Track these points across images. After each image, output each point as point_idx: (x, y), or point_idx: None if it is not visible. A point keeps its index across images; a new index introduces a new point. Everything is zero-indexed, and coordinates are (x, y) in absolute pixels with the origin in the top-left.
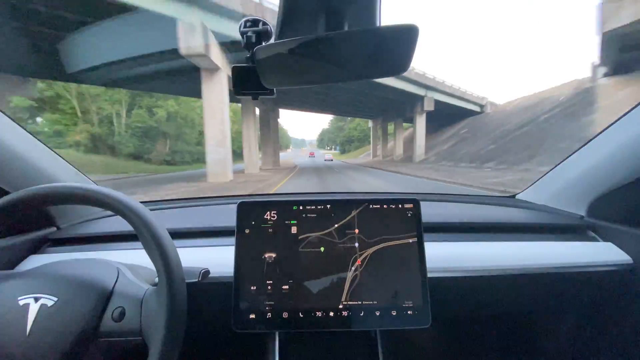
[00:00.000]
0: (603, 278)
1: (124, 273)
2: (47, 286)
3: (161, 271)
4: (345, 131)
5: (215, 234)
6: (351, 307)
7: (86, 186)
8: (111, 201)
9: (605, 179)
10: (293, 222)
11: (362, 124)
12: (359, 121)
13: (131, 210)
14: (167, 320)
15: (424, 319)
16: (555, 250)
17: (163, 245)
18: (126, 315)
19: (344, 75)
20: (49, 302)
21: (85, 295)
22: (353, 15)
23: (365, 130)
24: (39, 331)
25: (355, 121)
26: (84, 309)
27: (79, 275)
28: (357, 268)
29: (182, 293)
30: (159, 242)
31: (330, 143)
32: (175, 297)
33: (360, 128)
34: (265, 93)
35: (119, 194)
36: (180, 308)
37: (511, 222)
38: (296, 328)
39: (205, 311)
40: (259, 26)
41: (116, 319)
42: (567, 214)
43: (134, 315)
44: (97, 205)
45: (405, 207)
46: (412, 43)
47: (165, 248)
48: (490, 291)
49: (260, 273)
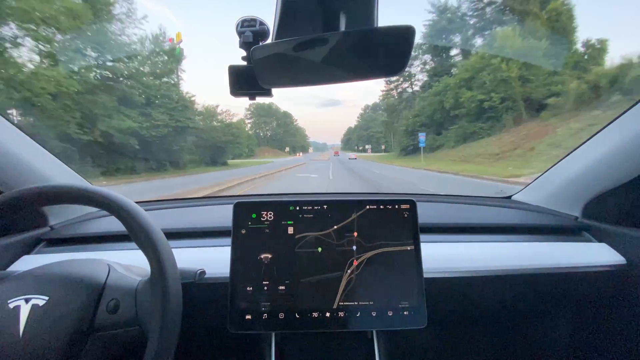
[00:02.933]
0: (597, 278)
1: (115, 269)
2: (37, 286)
3: (154, 263)
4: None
5: (211, 234)
6: (347, 307)
7: (80, 185)
8: (105, 200)
9: (599, 180)
10: (290, 222)
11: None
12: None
13: (125, 209)
14: (163, 309)
15: (420, 319)
16: (550, 251)
17: (156, 241)
18: (121, 307)
19: (341, 76)
20: (40, 301)
21: (76, 292)
22: (350, 15)
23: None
24: (32, 332)
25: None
26: (76, 305)
27: (69, 273)
28: (353, 270)
29: (176, 282)
30: (152, 238)
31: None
32: (169, 285)
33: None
34: (261, 93)
35: (114, 193)
36: (175, 296)
37: (506, 223)
38: (292, 329)
39: (201, 312)
40: (256, 26)
41: (111, 311)
42: (562, 215)
43: (129, 305)
44: (91, 205)
45: (402, 207)
46: (408, 44)
47: (158, 243)
48: (486, 291)
49: (256, 273)
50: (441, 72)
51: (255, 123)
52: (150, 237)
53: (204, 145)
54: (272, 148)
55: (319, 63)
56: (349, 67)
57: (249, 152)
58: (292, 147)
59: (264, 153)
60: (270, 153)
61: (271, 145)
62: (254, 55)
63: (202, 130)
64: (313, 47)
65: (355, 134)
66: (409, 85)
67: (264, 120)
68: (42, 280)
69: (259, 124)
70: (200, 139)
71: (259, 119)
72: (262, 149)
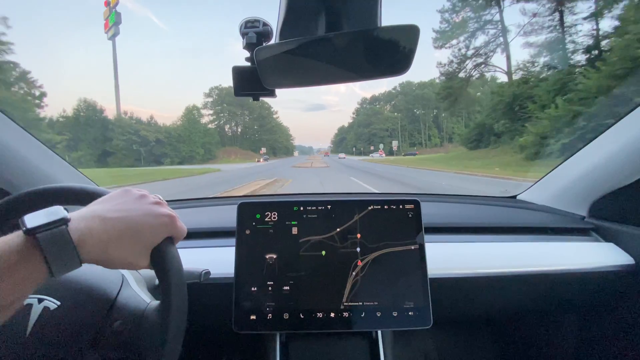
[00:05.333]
0: (605, 279)
1: (128, 282)
2: (51, 289)
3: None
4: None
5: (215, 235)
6: (352, 308)
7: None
8: None
9: (606, 179)
10: (294, 222)
11: None
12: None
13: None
14: (166, 342)
15: (426, 319)
16: (556, 251)
17: (177, 292)
18: (125, 330)
19: (345, 76)
20: (52, 305)
21: (87, 302)
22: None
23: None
24: (38, 333)
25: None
26: (85, 315)
27: (83, 280)
28: (358, 271)
29: (183, 314)
30: (175, 288)
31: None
32: (176, 318)
33: None
34: (265, 94)
35: None
36: (180, 330)
37: (512, 223)
38: (297, 329)
39: (206, 312)
40: (260, 27)
41: (115, 331)
42: (569, 214)
43: (133, 329)
44: None
45: (406, 207)
46: (413, 43)
47: (177, 295)
48: (492, 292)
49: (260, 274)
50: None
51: (219, 116)
52: (174, 288)
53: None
54: (243, 149)
55: (322, 63)
56: (352, 67)
57: (207, 154)
58: (272, 149)
59: (230, 155)
60: (239, 156)
61: (242, 146)
62: (258, 56)
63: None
64: (316, 47)
65: (352, 133)
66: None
67: (230, 110)
68: (57, 282)
69: (226, 117)
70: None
71: (225, 108)
72: (227, 150)
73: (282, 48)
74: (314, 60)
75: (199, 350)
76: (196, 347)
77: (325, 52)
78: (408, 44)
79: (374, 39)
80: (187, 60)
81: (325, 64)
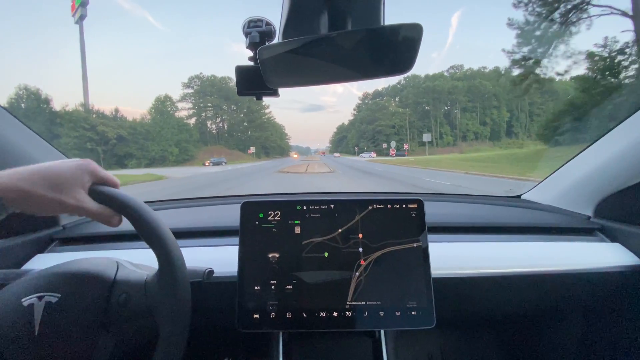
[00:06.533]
0: (611, 279)
1: (123, 265)
2: (49, 284)
3: (162, 259)
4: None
5: (219, 234)
6: (355, 307)
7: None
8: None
9: (612, 179)
10: (297, 222)
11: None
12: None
13: (134, 208)
14: (172, 299)
15: (429, 319)
16: (561, 251)
17: (164, 239)
18: (131, 299)
19: (348, 75)
20: (53, 299)
21: (87, 288)
22: (357, 14)
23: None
24: (47, 330)
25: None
26: (87, 300)
27: (79, 270)
28: (361, 272)
29: (183, 275)
30: (160, 236)
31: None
32: (178, 277)
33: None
34: (268, 93)
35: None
36: (183, 288)
37: (516, 223)
38: (300, 328)
39: (209, 310)
40: (263, 26)
41: (122, 304)
42: (574, 214)
43: (139, 297)
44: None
45: (409, 207)
46: (416, 41)
47: (167, 242)
48: (496, 292)
49: (264, 273)
50: None
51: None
52: (158, 236)
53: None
54: (229, 148)
55: (325, 62)
56: (355, 66)
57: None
58: (264, 148)
59: (213, 155)
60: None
61: (228, 145)
62: (261, 56)
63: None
64: (320, 47)
65: (353, 130)
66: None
67: (214, 103)
68: (54, 278)
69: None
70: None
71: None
72: (210, 149)
73: (285, 47)
74: (317, 60)
75: (202, 348)
76: (200, 345)
77: (328, 51)
78: (411, 42)
79: (377, 38)
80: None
81: (328, 63)
